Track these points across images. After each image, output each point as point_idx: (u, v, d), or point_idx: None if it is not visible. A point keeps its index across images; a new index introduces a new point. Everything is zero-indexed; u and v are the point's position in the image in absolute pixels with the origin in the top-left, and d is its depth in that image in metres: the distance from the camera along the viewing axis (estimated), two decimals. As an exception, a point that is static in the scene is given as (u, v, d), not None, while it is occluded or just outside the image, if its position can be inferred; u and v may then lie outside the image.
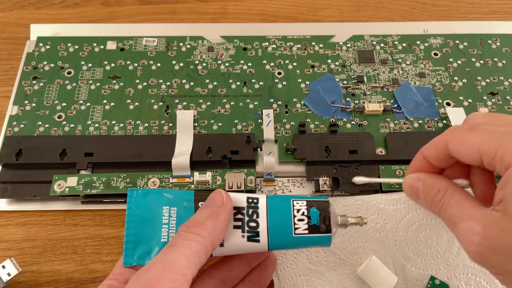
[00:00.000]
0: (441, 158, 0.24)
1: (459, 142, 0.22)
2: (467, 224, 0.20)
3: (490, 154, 0.20)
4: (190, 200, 0.25)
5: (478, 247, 0.20)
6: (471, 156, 0.21)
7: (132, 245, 0.24)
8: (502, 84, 0.38)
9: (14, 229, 0.33)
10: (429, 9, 0.45)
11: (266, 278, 0.27)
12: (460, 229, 0.21)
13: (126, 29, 0.42)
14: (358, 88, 0.38)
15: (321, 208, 0.24)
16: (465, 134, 0.22)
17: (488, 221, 0.20)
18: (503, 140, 0.20)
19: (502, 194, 0.20)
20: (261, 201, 0.25)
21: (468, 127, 0.22)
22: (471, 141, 0.21)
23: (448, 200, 0.22)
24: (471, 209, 0.21)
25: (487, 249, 0.19)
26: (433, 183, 0.24)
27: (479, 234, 0.20)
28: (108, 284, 0.23)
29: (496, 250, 0.19)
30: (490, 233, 0.19)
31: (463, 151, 0.22)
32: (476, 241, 0.20)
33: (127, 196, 0.25)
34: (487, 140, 0.21)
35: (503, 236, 0.19)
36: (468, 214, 0.21)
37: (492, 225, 0.20)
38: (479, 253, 0.20)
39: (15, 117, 0.36)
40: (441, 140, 0.23)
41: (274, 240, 0.24)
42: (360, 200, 0.31)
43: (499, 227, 0.19)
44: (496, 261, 0.19)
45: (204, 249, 0.22)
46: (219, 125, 0.36)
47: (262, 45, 0.41)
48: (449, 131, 0.23)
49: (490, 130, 0.21)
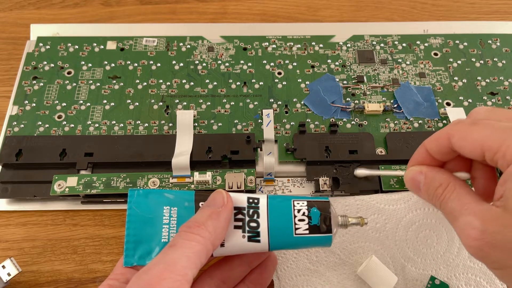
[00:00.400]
0: (443, 152, 0.24)
1: (461, 136, 0.22)
2: (467, 218, 0.20)
3: (493, 150, 0.20)
4: (191, 200, 0.25)
5: (476, 242, 0.20)
6: (473, 151, 0.21)
7: (132, 245, 0.24)
8: (502, 84, 0.38)
9: (14, 229, 0.33)
10: (429, 9, 0.45)
11: (267, 278, 0.27)
12: (459, 223, 0.21)
13: (126, 29, 0.42)
14: (358, 88, 0.38)
15: (321, 208, 0.24)
16: (468, 128, 0.22)
17: (488, 216, 0.20)
18: (506, 136, 0.20)
19: (502, 190, 0.20)
20: (261, 201, 0.25)
21: (471, 121, 0.22)
22: (474, 136, 0.21)
23: (449, 194, 0.22)
24: (471, 203, 0.21)
25: (486, 244, 0.19)
26: (435, 176, 0.24)
27: (478, 229, 0.20)
28: (108, 284, 0.23)
29: (495, 245, 0.19)
30: (489, 228, 0.19)
31: (465, 146, 0.22)
32: (474, 236, 0.20)
33: (127, 196, 0.25)
34: (489, 135, 0.21)
35: (503, 232, 0.19)
36: (468, 208, 0.21)
37: (491, 220, 0.20)
38: (477, 248, 0.20)
39: (15, 117, 0.36)
40: (443, 133, 0.23)
41: (275, 240, 0.24)
42: (360, 200, 0.31)
43: (499, 222, 0.19)
44: (495, 256, 0.19)
45: (205, 249, 0.22)
46: (219, 125, 0.36)
47: (262, 45, 0.41)
48: (452, 125, 0.23)
49: (492, 125, 0.21)
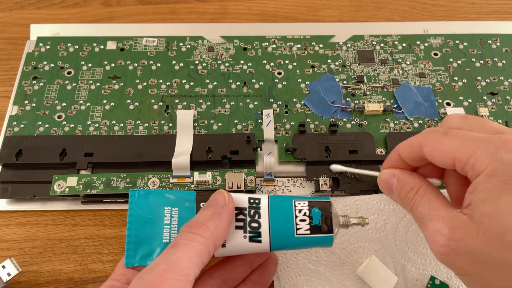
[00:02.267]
0: (415, 159, 0.24)
1: (433, 147, 0.22)
2: (435, 224, 0.21)
3: (462, 161, 0.21)
4: (192, 200, 0.25)
5: (443, 248, 0.20)
6: (444, 162, 0.22)
7: (134, 245, 0.24)
8: (502, 84, 0.38)
9: (14, 229, 0.33)
10: (429, 9, 0.45)
11: (268, 279, 0.28)
12: (428, 228, 0.21)
13: (126, 29, 0.42)
14: (358, 88, 0.38)
15: (323, 208, 0.24)
16: (439, 139, 0.22)
17: (455, 224, 0.20)
18: (475, 147, 0.20)
19: (470, 199, 0.20)
20: (262, 202, 0.25)
21: (443, 131, 0.22)
22: (445, 146, 0.22)
23: (420, 199, 0.23)
24: (440, 209, 0.21)
25: (452, 250, 0.20)
26: (407, 180, 0.24)
27: (445, 236, 0.20)
28: (110, 284, 0.23)
29: (460, 252, 0.20)
30: (455, 235, 0.20)
31: (437, 156, 0.22)
32: (441, 242, 0.20)
33: (127, 196, 0.25)
34: (459, 146, 0.21)
35: (466, 240, 0.19)
36: (437, 214, 0.21)
37: (458, 228, 0.20)
38: (444, 254, 0.20)
39: (15, 117, 0.36)
40: (416, 142, 0.23)
41: (276, 241, 0.24)
42: (360, 200, 0.31)
43: (464, 230, 0.20)
44: (460, 263, 0.20)
45: (207, 249, 0.22)
46: (219, 125, 0.36)
47: (262, 45, 0.41)
48: (425, 135, 0.23)
49: (463, 135, 0.21)
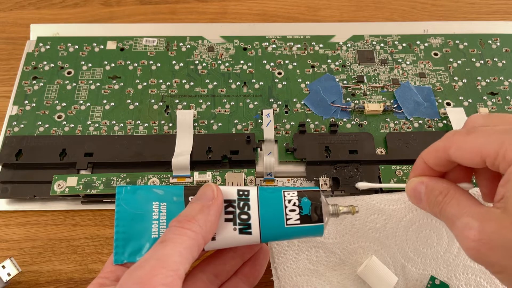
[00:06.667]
0: (442, 164, 0.24)
1: (459, 147, 0.22)
2: (465, 219, 0.20)
3: (492, 155, 0.20)
4: (180, 195, 0.25)
5: (474, 243, 0.19)
6: (473, 160, 0.21)
7: (122, 242, 0.24)
8: (502, 84, 0.38)
9: (14, 229, 0.33)
10: (429, 9, 0.45)
11: (259, 270, 0.27)
12: (457, 226, 0.21)
13: (126, 29, 0.42)
14: (358, 88, 0.38)
15: (312, 198, 0.24)
16: (464, 138, 0.22)
17: (486, 217, 0.20)
18: (503, 138, 0.20)
19: (503, 192, 0.19)
20: (252, 193, 0.24)
21: (467, 130, 0.22)
22: (471, 144, 0.21)
23: (449, 201, 0.22)
24: (470, 207, 0.21)
25: (484, 244, 0.19)
26: (435, 185, 0.24)
27: (475, 229, 0.20)
28: (98, 282, 0.23)
29: (493, 245, 0.19)
30: (486, 228, 0.19)
31: (464, 156, 0.22)
32: (472, 237, 0.20)
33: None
34: (486, 141, 0.20)
35: (500, 232, 0.19)
36: (466, 211, 0.21)
37: (489, 221, 0.19)
38: (475, 249, 0.20)
39: (15, 117, 0.36)
40: (440, 146, 0.23)
41: (266, 232, 0.24)
42: (360, 200, 0.31)
43: (497, 222, 0.19)
44: (494, 257, 0.19)
45: (196, 243, 0.21)
46: (219, 125, 0.36)
47: (262, 45, 0.41)
48: (448, 137, 0.23)
49: (488, 130, 0.21)
